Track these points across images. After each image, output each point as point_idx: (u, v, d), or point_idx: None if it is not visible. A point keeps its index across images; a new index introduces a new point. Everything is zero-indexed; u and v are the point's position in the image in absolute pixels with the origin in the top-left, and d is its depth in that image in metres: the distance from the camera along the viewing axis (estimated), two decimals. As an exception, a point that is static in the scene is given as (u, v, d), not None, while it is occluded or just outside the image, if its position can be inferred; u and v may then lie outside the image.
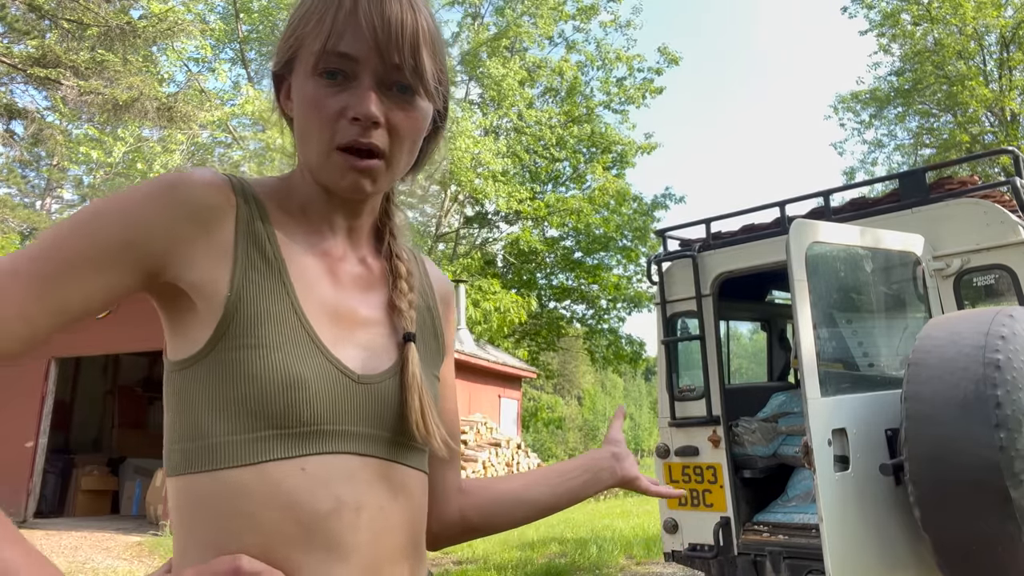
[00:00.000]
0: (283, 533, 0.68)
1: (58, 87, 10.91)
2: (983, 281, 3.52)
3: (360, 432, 0.74)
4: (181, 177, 0.73)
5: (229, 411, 0.69)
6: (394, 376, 0.78)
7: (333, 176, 0.76)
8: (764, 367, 5.90)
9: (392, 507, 0.75)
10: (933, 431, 2.53)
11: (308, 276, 0.78)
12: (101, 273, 0.68)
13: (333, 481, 0.71)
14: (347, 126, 0.74)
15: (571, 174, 19.69)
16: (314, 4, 0.77)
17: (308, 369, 0.71)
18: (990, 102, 17.28)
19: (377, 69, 0.75)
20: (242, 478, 0.68)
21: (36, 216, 22.16)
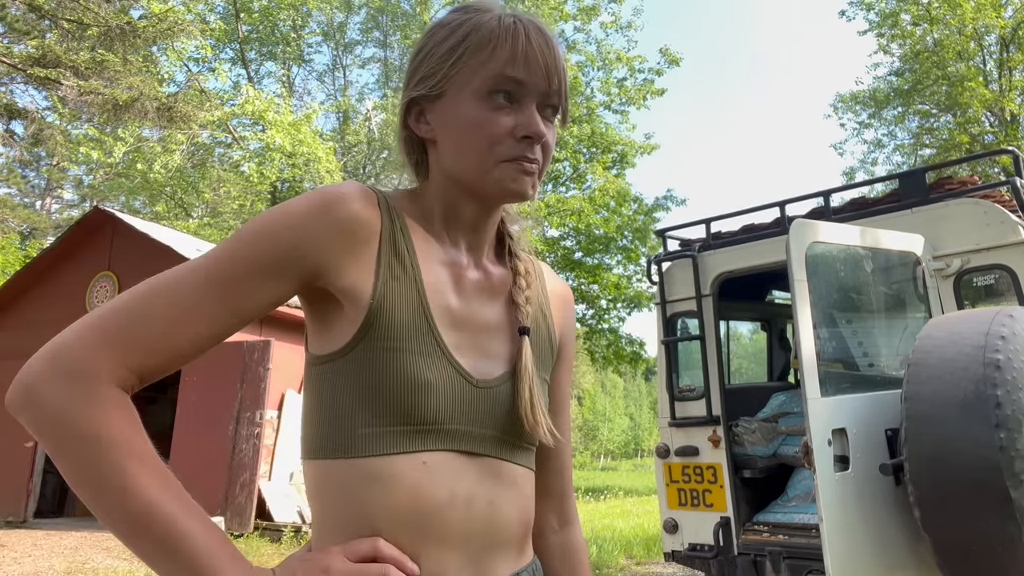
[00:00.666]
0: (405, 521, 0.77)
1: (58, 87, 10.91)
2: (983, 281, 3.52)
3: (475, 432, 0.83)
4: (338, 194, 0.81)
5: (365, 406, 0.78)
6: (508, 380, 0.86)
7: (503, 182, 0.84)
8: (764, 367, 5.90)
9: (502, 501, 0.83)
10: (933, 431, 2.53)
11: (438, 285, 0.86)
12: (270, 280, 0.77)
13: (449, 475, 0.79)
14: (514, 143, 0.83)
15: (571, 174, 19.70)
16: (477, 34, 0.85)
17: (433, 373, 0.80)
18: (990, 102, 17.28)
19: (540, 93, 0.85)
20: (373, 467, 0.77)
21: (36, 216, 22.18)
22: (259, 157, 16.50)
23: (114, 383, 0.70)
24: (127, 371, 0.71)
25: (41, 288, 10.97)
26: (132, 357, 0.71)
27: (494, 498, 0.82)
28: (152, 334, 0.72)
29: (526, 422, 0.84)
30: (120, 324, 0.71)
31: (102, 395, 0.69)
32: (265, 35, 21.22)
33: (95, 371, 0.69)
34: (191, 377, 9.28)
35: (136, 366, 0.71)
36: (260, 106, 15.87)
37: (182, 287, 0.75)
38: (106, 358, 0.70)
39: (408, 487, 0.77)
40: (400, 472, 0.77)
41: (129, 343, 0.71)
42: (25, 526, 9.62)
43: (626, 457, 46.33)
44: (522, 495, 0.87)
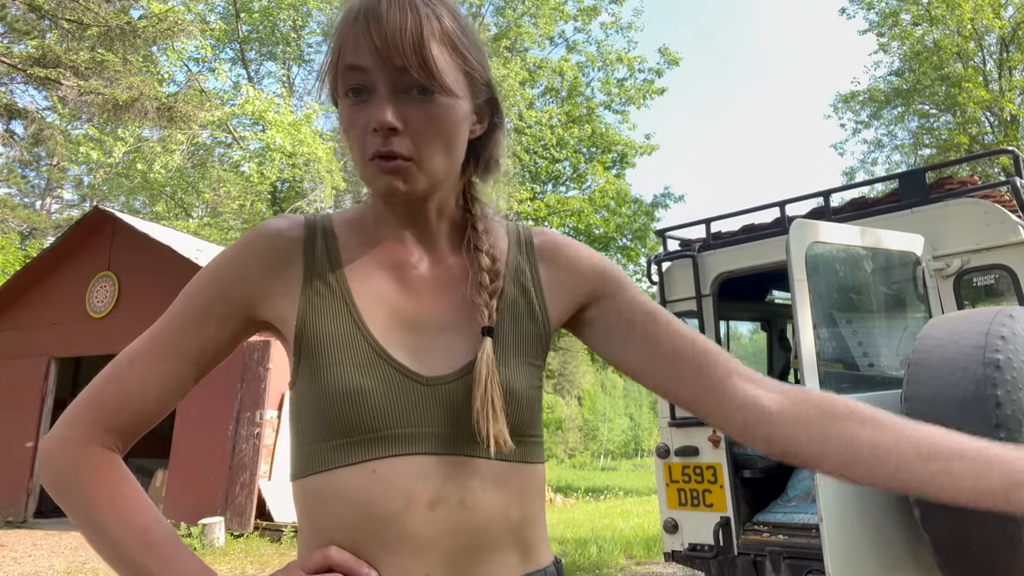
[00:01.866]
0: (362, 530, 0.76)
1: (58, 87, 10.91)
2: (983, 281, 3.52)
3: (433, 432, 0.78)
4: (257, 231, 0.85)
5: (312, 424, 0.79)
6: (467, 374, 0.81)
7: (372, 184, 0.81)
8: (764, 367, 5.90)
9: (477, 500, 0.78)
10: (933, 431, 2.53)
11: (376, 292, 0.84)
12: (209, 325, 0.83)
13: (404, 480, 0.76)
14: (372, 138, 0.78)
15: (571, 174, 19.69)
16: (334, 28, 0.83)
17: (370, 379, 0.78)
18: (988, 103, 17.28)
19: (388, 76, 0.77)
20: (322, 483, 0.77)
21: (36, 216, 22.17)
22: (259, 157, 16.49)
23: (98, 445, 0.82)
24: (108, 434, 0.82)
25: (41, 288, 10.97)
26: (111, 421, 0.82)
27: (466, 498, 0.77)
28: (124, 399, 0.83)
29: (476, 429, 0.77)
30: (96, 396, 0.83)
31: (86, 459, 0.81)
32: (265, 35, 21.22)
33: (79, 438, 0.82)
34: (191, 377, 9.28)
35: (115, 428, 0.82)
36: (260, 106, 15.86)
37: (141, 352, 0.85)
38: (87, 426, 0.82)
39: (357, 498, 0.76)
40: (346, 484, 0.76)
41: (106, 410, 0.82)
42: (25, 526, 9.62)
43: (626, 457, 46.33)
44: (509, 492, 0.80)
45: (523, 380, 0.84)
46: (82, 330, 10.33)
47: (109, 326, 10.18)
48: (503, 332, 0.85)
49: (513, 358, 0.84)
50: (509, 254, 0.91)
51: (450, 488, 0.77)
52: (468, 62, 0.83)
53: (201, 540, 7.86)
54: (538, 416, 0.86)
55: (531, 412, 0.84)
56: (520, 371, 0.84)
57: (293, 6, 20.15)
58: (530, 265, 0.92)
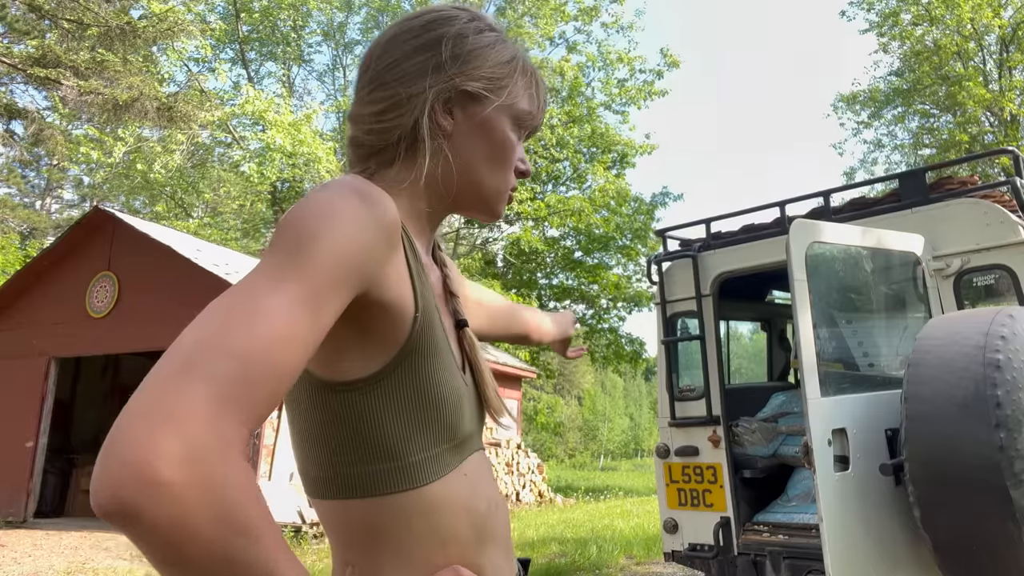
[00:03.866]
0: (467, 538, 0.77)
1: (58, 87, 10.91)
2: (983, 281, 3.52)
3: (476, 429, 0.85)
4: (370, 193, 0.69)
5: (417, 429, 0.73)
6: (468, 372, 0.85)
7: (499, 206, 0.90)
8: (764, 367, 5.90)
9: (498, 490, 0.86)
10: (933, 431, 2.53)
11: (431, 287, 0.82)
12: (343, 295, 0.64)
13: (479, 480, 0.81)
14: (514, 177, 0.91)
15: (571, 174, 19.69)
16: (522, 61, 0.89)
17: (460, 382, 0.80)
18: (988, 103, 17.28)
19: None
20: (436, 493, 0.75)
21: (36, 216, 22.18)
22: (259, 157, 16.49)
23: (244, 455, 0.54)
24: (248, 431, 0.55)
25: (41, 288, 10.97)
26: (253, 412, 0.55)
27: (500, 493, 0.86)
28: (265, 379, 0.55)
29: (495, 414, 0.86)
30: (232, 375, 0.53)
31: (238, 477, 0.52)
32: (265, 35, 21.23)
33: (226, 447, 0.52)
34: (191, 377, 9.27)
35: (254, 421, 0.55)
36: (260, 106, 15.87)
37: (276, 314, 0.58)
38: (233, 425, 0.53)
39: (463, 504, 0.77)
40: (455, 492, 0.77)
41: (248, 398, 0.54)
42: (25, 526, 9.62)
43: (626, 457, 46.32)
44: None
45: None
46: (82, 330, 10.33)
47: (109, 326, 10.18)
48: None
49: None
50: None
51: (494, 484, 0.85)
52: None
53: (201, 540, 7.85)
54: None
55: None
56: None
57: (293, 6, 20.15)
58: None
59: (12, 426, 10.35)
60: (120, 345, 10.28)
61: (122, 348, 10.41)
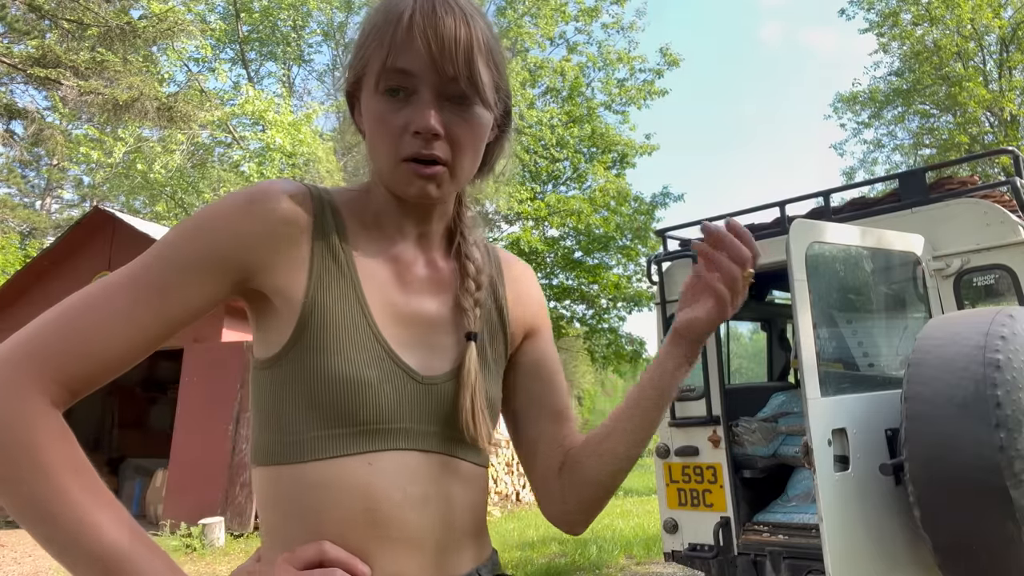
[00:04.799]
0: (357, 523, 0.75)
1: (58, 87, 10.91)
2: (983, 281, 3.52)
3: (424, 430, 0.80)
4: (263, 191, 0.79)
5: (310, 409, 0.76)
6: (455, 377, 0.83)
7: (401, 185, 0.81)
8: (764, 367, 5.90)
9: (457, 498, 0.82)
10: (933, 431, 2.53)
11: (378, 282, 0.83)
12: (197, 282, 0.75)
13: (399, 475, 0.77)
14: (411, 140, 0.78)
15: (572, 174, 19.69)
16: (375, 25, 0.81)
17: (374, 371, 0.78)
18: (988, 103, 17.28)
19: (435, 82, 0.78)
20: (321, 472, 0.75)
21: (36, 216, 22.18)
22: (259, 157, 16.50)
23: (44, 399, 0.68)
24: (57, 386, 0.69)
25: (41, 288, 10.97)
26: (61, 372, 0.69)
27: (449, 496, 0.81)
28: (82, 346, 0.70)
29: (466, 430, 0.81)
30: (47, 339, 0.69)
31: (29, 413, 0.66)
32: (265, 35, 21.23)
33: (21, 389, 0.66)
34: (191, 377, 9.28)
35: (66, 380, 0.69)
36: (260, 106, 15.87)
37: (113, 296, 0.73)
38: (33, 375, 0.67)
39: (359, 489, 0.75)
40: (350, 474, 0.75)
41: (57, 358, 0.68)
42: (25, 526, 9.61)
43: (626, 457, 46.26)
44: (475, 492, 0.85)
45: (495, 390, 0.89)
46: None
47: (109, 326, 10.17)
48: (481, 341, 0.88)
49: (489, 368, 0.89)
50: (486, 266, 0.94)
51: (438, 485, 0.80)
52: (500, 75, 0.85)
53: (201, 540, 7.86)
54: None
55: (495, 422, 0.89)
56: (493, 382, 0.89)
57: (293, 6, 20.15)
58: (500, 282, 0.96)
59: (12, 426, 10.33)
60: (120, 345, 10.27)
61: (122, 348, 10.40)
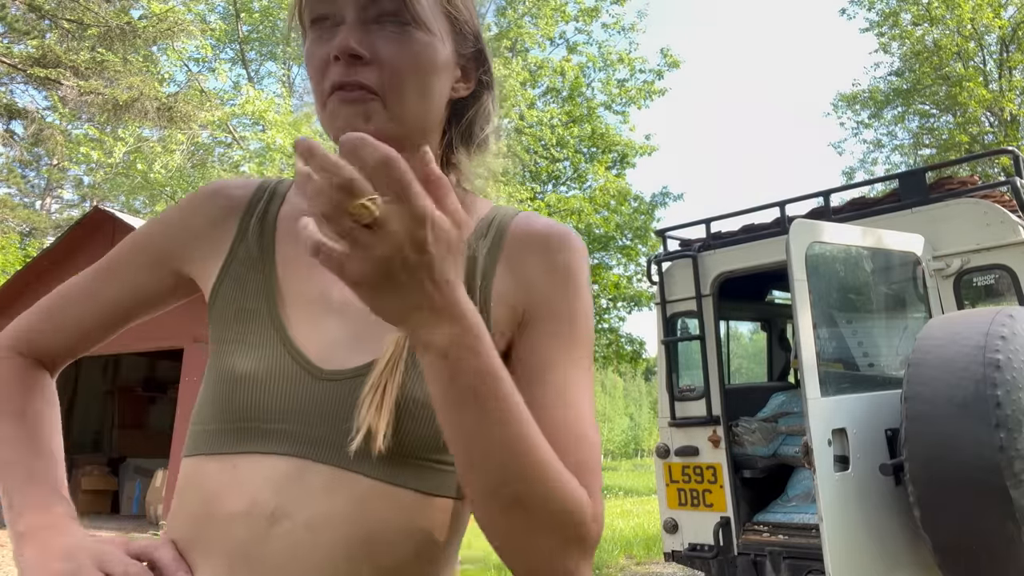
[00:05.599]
0: (196, 530, 0.67)
1: (58, 87, 10.92)
2: (983, 281, 3.52)
3: (307, 433, 0.65)
4: (207, 186, 0.81)
5: (207, 402, 0.71)
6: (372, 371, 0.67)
7: (329, 123, 0.69)
8: (764, 367, 5.90)
9: (333, 522, 0.62)
10: (933, 431, 2.53)
11: (302, 266, 0.73)
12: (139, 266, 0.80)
13: (254, 483, 0.64)
14: (333, 68, 0.67)
15: (572, 174, 19.69)
16: None
17: (261, 363, 0.68)
18: (988, 103, 17.29)
19: (358, 3, 0.68)
20: (188, 467, 0.71)
21: (36, 216, 22.19)
22: (259, 157, 16.50)
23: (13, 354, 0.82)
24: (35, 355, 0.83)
25: (41, 288, 10.94)
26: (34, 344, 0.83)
27: (317, 518, 0.62)
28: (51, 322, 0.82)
29: (355, 418, 0.64)
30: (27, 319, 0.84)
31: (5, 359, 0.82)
32: (265, 35, 21.23)
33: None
34: (191, 377, 9.28)
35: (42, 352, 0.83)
36: (260, 106, 15.87)
37: (83, 276, 0.83)
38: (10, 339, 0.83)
39: (208, 493, 0.66)
40: (206, 474, 0.67)
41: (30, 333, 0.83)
42: (25, 526, 9.62)
43: (626, 457, 46.32)
44: (380, 523, 0.64)
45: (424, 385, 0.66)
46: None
47: (109, 326, 10.18)
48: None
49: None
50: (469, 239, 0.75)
51: (305, 503, 0.63)
52: (451, 2, 0.73)
53: (201, 540, 7.86)
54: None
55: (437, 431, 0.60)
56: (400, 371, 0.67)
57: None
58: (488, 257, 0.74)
59: (12, 426, 10.34)
60: (120, 345, 10.27)
61: (122, 348, 10.41)
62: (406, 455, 0.65)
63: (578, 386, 0.68)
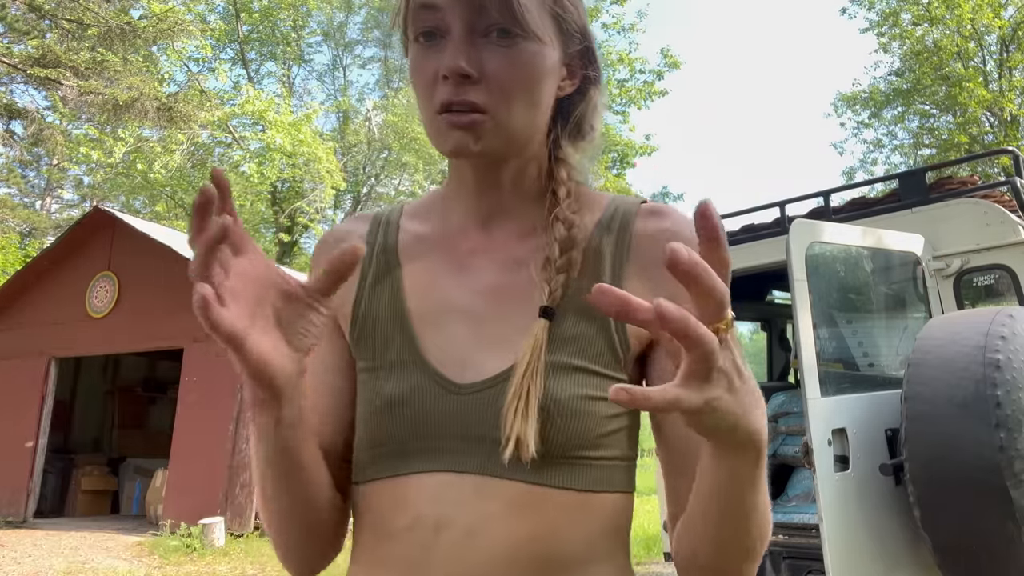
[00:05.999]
0: (374, 550, 0.70)
1: (58, 87, 10.92)
2: (983, 281, 3.52)
3: (455, 447, 0.68)
4: (321, 238, 0.83)
5: (357, 430, 0.74)
6: (509, 378, 0.67)
7: (439, 141, 0.70)
8: (764, 367, 5.90)
9: (492, 528, 0.65)
10: (933, 431, 2.53)
11: (428, 277, 0.75)
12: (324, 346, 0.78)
13: (416, 499, 0.67)
14: (442, 87, 0.67)
15: (571, 174, 19.69)
16: None
17: (403, 387, 0.70)
18: (988, 103, 17.29)
19: (465, 16, 0.67)
20: (357, 496, 0.73)
21: (36, 216, 22.18)
22: (259, 157, 16.51)
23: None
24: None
25: (41, 288, 10.97)
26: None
27: (476, 525, 0.65)
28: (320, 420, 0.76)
29: (502, 427, 0.64)
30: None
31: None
32: (265, 35, 21.23)
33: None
34: (191, 377, 9.28)
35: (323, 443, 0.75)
36: (260, 106, 15.88)
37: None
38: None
39: (377, 514, 0.70)
40: (374, 497, 0.70)
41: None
42: (25, 526, 9.62)
43: (626, 457, 46.39)
44: (537, 523, 0.66)
45: (573, 388, 0.67)
46: (82, 330, 10.33)
47: (109, 326, 10.18)
48: (561, 326, 0.69)
49: (566, 359, 0.68)
50: (593, 232, 0.74)
51: (461, 512, 0.66)
52: (561, 5, 0.71)
53: (201, 540, 7.86)
54: (603, 432, 0.68)
55: (584, 428, 0.66)
56: (572, 377, 0.67)
57: (293, 6, 20.15)
58: (615, 253, 0.73)
59: (12, 426, 10.35)
60: (120, 345, 10.28)
61: (122, 348, 10.42)
62: (555, 456, 0.66)
63: None
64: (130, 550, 7.88)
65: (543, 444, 0.64)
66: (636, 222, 0.74)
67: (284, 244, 19.81)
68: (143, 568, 7.04)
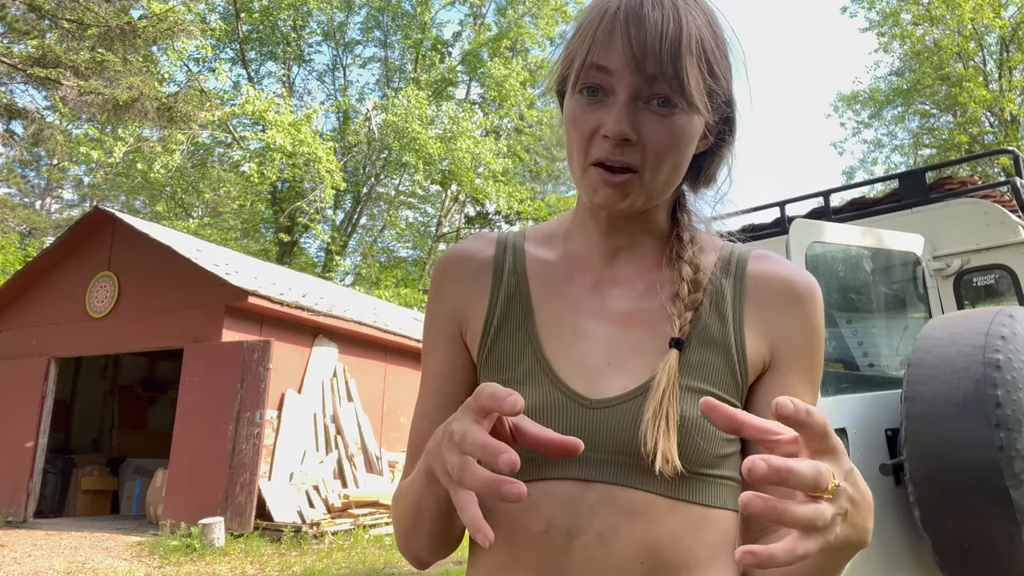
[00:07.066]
0: (507, 553, 0.74)
1: (58, 87, 10.92)
2: (983, 281, 3.52)
3: (588, 457, 0.73)
4: (448, 253, 0.88)
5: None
6: (639, 395, 0.74)
7: (589, 191, 0.77)
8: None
9: (622, 534, 0.71)
10: (933, 431, 2.53)
11: (559, 302, 0.82)
12: (441, 356, 0.86)
13: (547, 505, 0.73)
14: (600, 143, 0.74)
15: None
16: (584, 20, 0.77)
17: (536, 400, 0.75)
18: (988, 103, 17.29)
19: (633, 82, 0.72)
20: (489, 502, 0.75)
21: (36, 216, 22.19)
22: (259, 157, 16.52)
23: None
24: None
25: (41, 288, 10.97)
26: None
27: (607, 532, 0.71)
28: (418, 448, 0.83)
29: (642, 446, 0.71)
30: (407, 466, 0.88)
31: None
32: (265, 35, 21.24)
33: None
34: (191, 377, 9.29)
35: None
36: (260, 106, 15.89)
37: (416, 413, 0.89)
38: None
39: (505, 518, 0.74)
40: (497, 504, 0.74)
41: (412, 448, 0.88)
42: (25, 526, 9.63)
43: (626, 457, 46.36)
44: (664, 532, 0.71)
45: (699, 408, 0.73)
46: (82, 330, 10.34)
47: (109, 326, 10.19)
48: (688, 354, 0.77)
49: (695, 383, 0.75)
50: (713, 272, 0.83)
51: (594, 519, 0.71)
52: (716, 79, 0.76)
53: (201, 540, 7.86)
54: (721, 453, 0.75)
55: (708, 447, 0.73)
56: (699, 400, 0.71)
57: (293, 6, 20.16)
58: (734, 293, 0.82)
59: (12, 426, 10.35)
60: (120, 345, 10.29)
61: (122, 348, 10.42)
62: (685, 471, 0.72)
63: None
64: (130, 550, 7.88)
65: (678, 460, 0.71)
66: (750, 267, 0.84)
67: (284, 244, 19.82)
68: (143, 568, 7.04)
